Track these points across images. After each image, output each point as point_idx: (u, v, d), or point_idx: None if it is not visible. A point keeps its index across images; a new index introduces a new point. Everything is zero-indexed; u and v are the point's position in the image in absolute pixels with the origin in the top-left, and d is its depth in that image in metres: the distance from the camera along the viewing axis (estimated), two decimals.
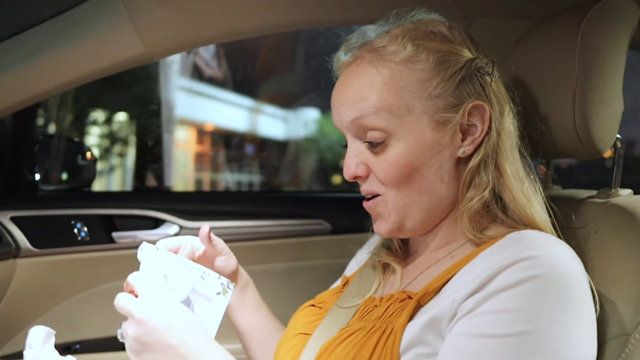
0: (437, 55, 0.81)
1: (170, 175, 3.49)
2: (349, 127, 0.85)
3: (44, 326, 0.87)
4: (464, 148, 0.83)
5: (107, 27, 1.15)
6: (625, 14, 0.89)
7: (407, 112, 0.81)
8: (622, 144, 0.96)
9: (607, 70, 0.87)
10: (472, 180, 0.83)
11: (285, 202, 1.80)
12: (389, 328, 0.76)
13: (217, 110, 3.92)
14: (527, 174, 0.84)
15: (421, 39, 0.83)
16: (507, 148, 0.82)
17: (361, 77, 0.83)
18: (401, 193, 0.83)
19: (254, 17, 1.27)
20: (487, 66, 0.83)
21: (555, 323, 0.66)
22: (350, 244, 1.13)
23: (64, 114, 2.34)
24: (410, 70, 0.81)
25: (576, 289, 0.69)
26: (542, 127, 0.92)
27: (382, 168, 0.83)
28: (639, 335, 0.74)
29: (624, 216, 0.83)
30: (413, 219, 0.85)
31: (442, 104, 0.81)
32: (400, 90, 0.81)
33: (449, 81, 0.81)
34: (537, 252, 0.70)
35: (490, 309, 0.68)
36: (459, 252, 0.84)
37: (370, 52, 0.84)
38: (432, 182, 0.83)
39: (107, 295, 1.56)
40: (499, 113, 0.82)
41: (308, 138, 4.16)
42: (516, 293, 0.67)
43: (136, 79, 3.19)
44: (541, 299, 0.67)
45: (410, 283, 0.87)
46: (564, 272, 0.69)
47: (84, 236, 1.53)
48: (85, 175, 1.80)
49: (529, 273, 0.68)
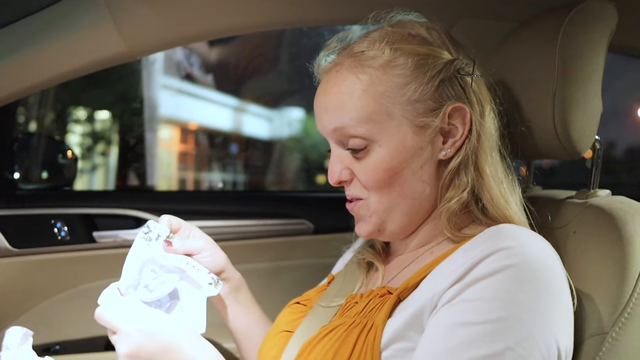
0: (415, 58, 0.82)
1: (153, 175, 3.46)
2: (331, 134, 0.86)
3: (20, 327, 0.86)
4: (445, 151, 0.83)
5: (88, 24, 1.14)
6: (604, 17, 0.90)
7: (387, 119, 0.81)
8: (600, 145, 0.97)
9: (586, 72, 0.89)
10: (452, 181, 0.84)
11: (268, 202, 1.80)
12: (369, 323, 0.77)
13: (201, 109, 3.90)
14: (506, 174, 0.85)
15: (399, 43, 0.83)
16: (487, 149, 0.83)
17: (341, 85, 0.83)
18: (384, 197, 0.84)
19: (236, 16, 1.26)
20: (467, 67, 0.84)
21: (530, 311, 0.67)
22: (333, 244, 1.13)
23: (45, 112, 2.31)
24: (389, 76, 0.81)
25: (552, 279, 0.70)
26: (523, 128, 0.93)
27: (364, 173, 0.83)
28: (615, 334, 0.76)
29: (601, 216, 0.84)
30: (394, 222, 0.86)
31: (422, 108, 0.81)
32: (379, 96, 0.81)
33: (428, 85, 0.81)
34: (513, 243, 0.71)
35: (468, 297, 0.69)
36: (437, 248, 0.85)
37: (350, 57, 0.84)
38: (413, 185, 0.83)
39: (87, 296, 1.55)
40: (480, 114, 0.83)
41: (292, 137, 4.16)
42: (493, 282, 0.69)
43: (119, 76, 3.16)
44: (517, 287, 0.68)
45: (391, 280, 0.88)
46: (539, 262, 0.70)
47: (64, 236, 1.51)
48: (66, 174, 1.77)
49: (505, 262, 0.69)
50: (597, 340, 0.77)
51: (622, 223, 0.81)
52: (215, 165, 4.01)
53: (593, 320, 0.79)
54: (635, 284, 0.76)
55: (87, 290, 1.56)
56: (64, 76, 1.23)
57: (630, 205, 0.84)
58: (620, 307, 0.76)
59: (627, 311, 0.76)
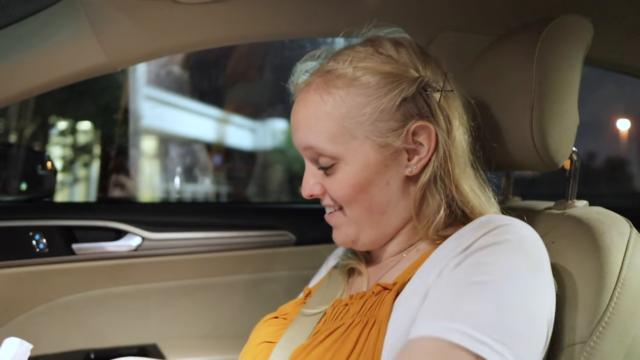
0: (377, 77, 0.83)
1: (136, 186, 3.43)
2: (303, 152, 0.89)
3: (18, 339, 0.84)
4: (410, 167, 0.85)
5: (68, 35, 1.13)
6: (580, 31, 0.92)
7: (350, 139, 0.83)
8: (578, 157, 0.98)
9: (563, 85, 0.90)
10: (424, 197, 0.85)
11: (249, 213, 1.79)
12: (371, 320, 0.77)
13: (184, 120, 3.88)
14: (482, 187, 0.87)
15: (363, 61, 0.84)
16: (460, 164, 0.84)
17: (308, 106, 0.86)
18: (353, 211, 0.87)
19: (218, 28, 1.27)
20: (434, 83, 0.84)
21: (523, 279, 0.71)
22: (315, 255, 1.13)
23: (25, 123, 2.29)
24: (351, 95, 0.83)
25: (543, 257, 0.75)
26: (501, 140, 0.94)
27: (333, 189, 0.87)
28: (593, 343, 0.76)
29: (579, 227, 0.86)
30: (365, 235, 0.88)
31: (384, 128, 0.83)
32: (342, 118, 0.83)
33: (389, 104, 0.82)
34: (508, 222, 0.76)
35: (469, 262, 0.72)
36: (424, 245, 0.87)
37: (319, 76, 0.87)
38: (381, 200, 0.85)
39: (66, 309, 1.52)
40: (447, 131, 0.84)
41: (275, 149, 4.16)
42: (492, 250, 0.72)
43: (101, 87, 3.14)
44: (514, 257, 0.72)
45: (379, 280, 0.88)
46: (533, 240, 0.75)
47: (43, 248, 1.48)
48: (46, 186, 1.75)
49: (504, 237, 0.73)
50: (575, 349, 0.78)
51: (599, 233, 0.82)
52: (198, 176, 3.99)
53: (571, 330, 0.79)
54: (612, 293, 0.77)
55: (66, 303, 1.54)
56: (44, 87, 1.22)
57: (607, 216, 0.85)
58: (597, 317, 0.77)
59: (605, 320, 0.77)
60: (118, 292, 1.57)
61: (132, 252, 1.56)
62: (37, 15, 1.11)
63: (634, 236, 0.82)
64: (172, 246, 1.60)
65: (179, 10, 1.16)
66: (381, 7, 1.22)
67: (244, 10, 1.22)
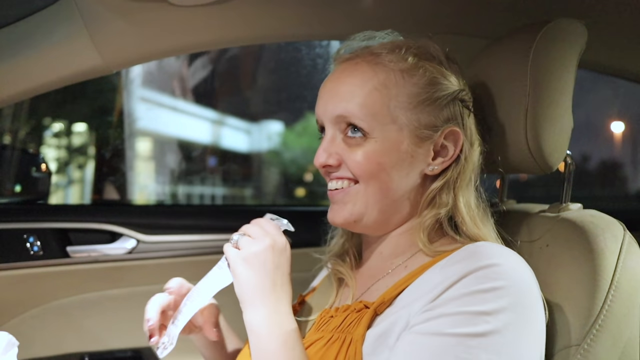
0: (432, 75, 0.86)
1: (131, 188, 3.43)
2: (332, 119, 0.88)
3: (7, 333, 0.84)
4: (432, 166, 0.87)
5: (63, 38, 1.13)
6: (574, 35, 0.92)
7: (390, 121, 0.84)
8: (572, 160, 0.99)
9: (557, 88, 0.91)
10: (434, 199, 0.87)
11: (244, 216, 1.78)
12: (348, 338, 0.78)
13: (180, 122, 3.88)
14: (478, 204, 0.88)
15: (422, 56, 0.87)
16: (467, 177, 0.87)
17: (356, 76, 0.86)
18: (369, 188, 0.86)
19: (214, 30, 1.27)
20: (469, 100, 0.89)
21: (510, 326, 0.69)
22: (307, 258, 1.13)
23: (19, 124, 2.28)
24: (405, 81, 0.85)
25: (530, 297, 0.73)
26: (495, 143, 0.94)
27: (354, 160, 0.86)
28: (587, 346, 0.77)
29: (573, 230, 0.86)
30: (371, 216, 0.87)
31: (425, 121, 0.85)
32: (389, 99, 0.84)
33: (436, 102, 0.85)
34: (495, 261, 0.73)
35: (449, 311, 0.71)
36: (412, 262, 0.86)
37: (371, 54, 0.87)
38: (397, 187, 0.86)
39: (60, 312, 1.52)
40: (470, 144, 0.87)
41: (271, 151, 4.16)
42: (475, 297, 0.70)
43: (96, 89, 3.13)
44: (498, 304, 0.70)
45: (365, 293, 0.89)
46: (519, 281, 0.73)
47: (37, 250, 1.48)
48: (40, 188, 1.75)
49: (488, 281, 0.71)
50: (569, 352, 0.78)
51: (592, 236, 0.82)
52: (193, 178, 3.98)
53: (565, 333, 0.80)
54: (605, 296, 0.78)
55: (61, 306, 1.53)
56: (39, 89, 1.22)
57: (601, 219, 0.86)
58: (591, 320, 0.77)
59: (599, 323, 0.77)
60: (113, 295, 1.56)
61: (127, 255, 1.55)
62: (32, 17, 1.11)
63: (627, 239, 0.82)
64: (167, 249, 1.60)
65: (174, 13, 1.16)
66: (376, 10, 1.23)
67: (239, 13, 1.22)
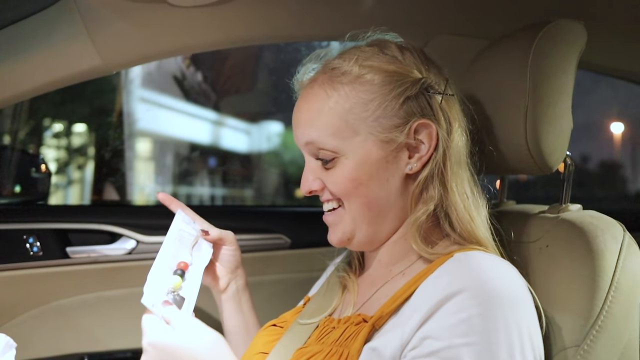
0: (382, 75, 0.85)
1: (131, 189, 3.42)
2: (304, 147, 0.90)
3: (4, 335, 0.84)
4: (411, 165, 0.86)
5: (63, 38, 1.13)
6: (573, 36, 0.92)
7: (353, 134, 0.85)
8: (572, 161, 0.99)
9: (556, 89, 0.91)
10: (421, 195, 0.87)
11: (244, 217, 1.79)
12: (345, 352, 0.78)
13: (180, 122, 3.88)
14: (472, 191, 0.86)
15: (369, 60, 0.86)
16: (454, 165, 0.85)
17: (312, 102, 0.88)
18: (352, 205, 0.87)
19: (214, 31, 1.27)
20: (437, 85, 0.86)
21: (500, 344, 0.69)
22: (310, 259, 1.13)
23: (19, 125, 2.28)
24: (356, 92, 0.85)
25: (518, 312, 0.72)
26: (495, 144, 0.94)
27: (332, 182, 0.87)
28: (587, 347, 0.77)
29: (573, 231, 0.86)
30: (362, 232, 0.88)
31: (387, 124, 0.84)
32: (346, 113, 0.84)
33: (393, 101, 0.84)
34: (488, 275, 0.74)
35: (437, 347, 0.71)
36: (410, 270, 0.86)
37: (324, 73, 0.88)
38: (380, 196, 0.86)
39: (60, 313, 1.52)
40: (447, 131, 0.85)
41: (271, 151, 4.16)
42: (460, 328, 0.70)
43: (96, 90, 3.13)
44: (484, 325, 0.70)
45: (365, 304, 0.89)
46: (505, 297, 0.72)
47: (37, 251, 1.48)
48: (40, 188, 1.75)
49: (472, 306, 0.71)
50: (569, 353, 0.78)
51: (592, 237, 0.82)
52: (193, 179, 3.98)
53: (565, 334, 0.80)
54: (605, 297, 0.78)
55: (60, 306, 1.53)
56: (39, 89, 1.22)
57: (601, 220, 0.86)
58: (591, 320, 0.77)
59: (598, 324, 0.77)
60: (112, 296, 1.56)
61: (127, 256, 1.55)
62: (32, 18, 1.11)
63: (627, 240, 0.82)
64: None
65: (174, 13, 1.17)
66: (376, 11, 1.23)
67: (239, 13, 1.22)
